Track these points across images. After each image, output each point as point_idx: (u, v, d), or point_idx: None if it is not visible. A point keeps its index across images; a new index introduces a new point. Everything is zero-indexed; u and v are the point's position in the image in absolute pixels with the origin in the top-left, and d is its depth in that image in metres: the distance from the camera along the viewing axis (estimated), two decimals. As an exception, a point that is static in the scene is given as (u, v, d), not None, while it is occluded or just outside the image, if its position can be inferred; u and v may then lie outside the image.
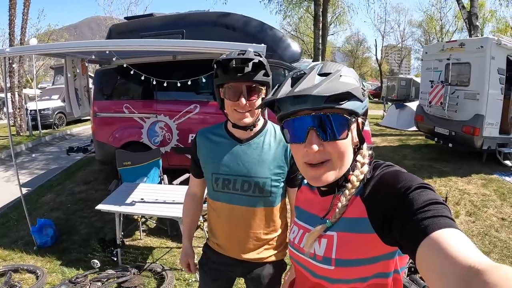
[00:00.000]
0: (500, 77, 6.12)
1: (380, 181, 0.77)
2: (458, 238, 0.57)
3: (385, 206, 0.71)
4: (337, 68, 0.79)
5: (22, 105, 10.61)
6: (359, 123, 0.82)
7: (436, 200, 0.66)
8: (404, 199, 0.68)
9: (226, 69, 1.29)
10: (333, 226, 0.82)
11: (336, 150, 0.77)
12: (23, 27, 10.69)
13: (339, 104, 0.75)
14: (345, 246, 0.79)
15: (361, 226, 0.76)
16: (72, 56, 4.37)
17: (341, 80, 0.75)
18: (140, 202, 3.21)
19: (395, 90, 22.35)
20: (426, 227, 0.60)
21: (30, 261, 3.42)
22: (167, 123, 5.10)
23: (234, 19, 5.49)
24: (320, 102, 0.74)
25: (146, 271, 3.17)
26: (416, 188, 0.68)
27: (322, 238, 0.83)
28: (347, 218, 0.80)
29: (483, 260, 0.50)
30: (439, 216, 0.62)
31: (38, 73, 26.59)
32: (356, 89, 0.76)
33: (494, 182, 5.66)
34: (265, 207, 1.44)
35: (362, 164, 0.83)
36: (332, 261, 0.80)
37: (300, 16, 23.34)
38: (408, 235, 0.64)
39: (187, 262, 1.60)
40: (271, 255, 1.51)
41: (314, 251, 0.84)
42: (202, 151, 1.47)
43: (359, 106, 0.78)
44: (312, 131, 0.76)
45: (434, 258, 0.56)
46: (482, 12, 21.94)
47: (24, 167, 7.28)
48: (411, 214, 0.64)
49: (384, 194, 0.73)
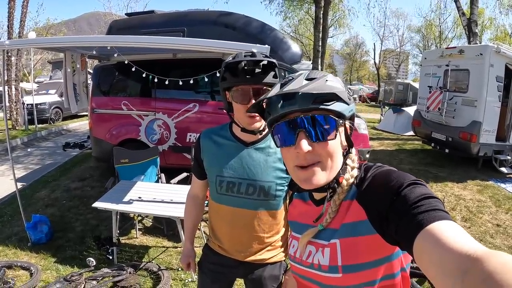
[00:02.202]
0: (498, 84, 6.17)
1: (374, 181, 0.78)
2: (453, 229, 0.58)
3: (380, 205, 0.72)
4: (323, 74, 0.81)
5: (19, 99, 10.51)
6: (346, 128, 0.83)
7: (429, 194, 0.67)
8: (397, 196, 0.69)
9: (235, 72, 1.26)
10: (335, 233, 0.82)
11: (326, 151, 0.78)
12: (22, 20, 10.60)
13: (326, 105, 0.77)
14: (350, 251, 0.79)
15: (363, 229, 0.76)
16: (72, 51, 4.33)
17: (327, 83, 0.78)
18: (137, 200, 3.18)
19: (393, 95, 22.46)
20: (421, 221, 0.61)
21: (24, 257, 3.38)
22: (165, 121, 5.07)
23: (235, 19, 5.48)
24: (308, 103, 0.76)
25: (142, 270, 3.14)
26: (409, 184, 0.70)
27: (325, 247, 0.83)
28: (347, 224, 0.80)
29: (478, 248, 0.51)
30: (432, 209, 0.63)
31: (35, 67, 26.41)
32: (342, 92, 0.78)
33: (489, 188, 5.70)
34: (268, 210, 1.43)
35: (352, 168, 0.84)
36: (339, 269, 0.80)
37: (300, 18, 23.38)
38: (403, 230, 0.64)
39: (187, 262, 1.59)
40: (272, 256, 1.51)
41: (319, 262, 0.84)
42: (207, 153, 1.45)
43: (345, 109, 0.80)
44: (302, 133, 0.78)
45: (430, 250, 0.56)
46: (481, 19, 22.07)
47: (19, 161, 7.20)
48: (405, 210, 0.65)
49: (379, 193, 0.74)
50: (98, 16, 38.15)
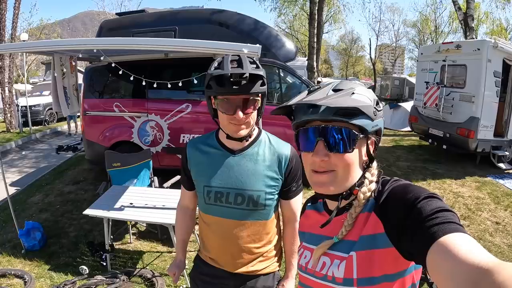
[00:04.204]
0: (496, 79, 6.11)
1: (391, 194, 0.79)
2: (466, 241, 0.58)
3: (396, 218, 0.73)
4: (352, 86, 0.82)
5: (13, 101, 10.40)
6: (370, 141, 0.85)
7: (444, 208, 0.67)
8: (413, 208, 0.69)
9: (221, 81, 1.20)
10: (354, 246, 0.82)
11: (342, 162, 0.81)
12: (14, 21, 10.49)
13: (347, 118, 0.78)
14: (366, 265, 0.78)
15: (380, 242, 0.77)
16: (60, 54, 4.24)
17: (353, 97, 0.79)
18: (129, 207, 3.12)
19: (389, 90, 22.36)
20: (435, 233, 0.62)
21: (18, 265, 3.33)
22: (158, 123, 5.00)
23: (228, 17, 5.40)
24: (329, 114, 0.78)
25: (136, 277, 3.09)
26: (425, 198, 0.70)
27: (342, 260, 0.83)
28: (365, 236, 0.80)
29: (490, 260, 0.51)
30: (447, 222, 0.63)
31: (30, 68, 26.23)
32: (367, 107, 0.79)
33: (488, 184, 5.66)
34: (258, 220, 1.39)
35: (370, 182, 0.84)
36: (354, 282, 0.79)
37: (295, 14, 23.27)
38: (417, 242, 0.65)
39: (174, 272, 1.55)
40: (264, 267, 1.47)
41: (333, 274, 0.83)
42: (193, 163, 1.40)
43: (368, 124, 0.81)
44: (321, 141, 0.81)
45: (443, 262, 0.57)
46: (477, 13, 22.02)
47: (14, 165, 7.13)
48: (420, 222, 0.66)
49: (395, 206, 0.75)
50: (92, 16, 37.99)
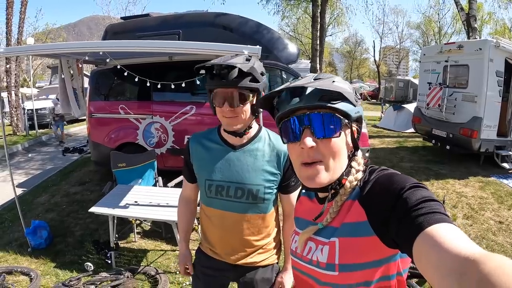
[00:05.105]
0: (498, 79, 6.10)
1: (376, 183, 0.79)
2: (452, 231, 0.58)
3: (381, 207, 0.73)
4: (331, 75, 0.84)
5: (19, 104, 10.56)
6: (353, 130, 0.84)
7: (430, 197, 0.67)
8: (398, 198, 0.70)
9: (212, 75, 1.28)
10: (335, 232, 0.83)
11: (329, 149, 0.81)
12: (20, 26, 10.65)
13: (332, 103, 0.79)
14: (347, 251, 0.80)
15: (362, 230, 0.77)
16: (67, 57, 4.33)
17: (334, 84, 0.80)
18: (134, 204, 3.18)
19: (393, 92, 22.33)
20: (421, 223, 0.62)
21: (24, 263, 3.39)
22: (162, 124, 5.06)
23: (231, 20, 5.46)
24: (314, 100, 0.79)
25: (140, 274, 3.14)
26: (410, 187, 0.71)
27: (325, 245, 0.85)
28: (347, 223, 0.81)
29: (476, 250, 0.51)
30: (433, 212, 0.63)
31: (36, 72, 26.50)
32: (348, 93, 0.80)
33: (491, 184, 5.65)
34: (257, 213, 1.44)
35: (357, 171, 0.86)
36: (335, 267, 0.81)
37: (298, 17, 23.30)
38: (403, 232, 0.65)
39: (185, 265, 1.60)
40: (263, 259, 1.51)
41: (318, 259, 0.85)
42: (196, 157, 1.46)
43: (351, 109, 0.81)
44: (307, 129, 0.81)
45: (429, 252, 0.57)
46: (480, 14, 21.94)
47: (20, 167, 7.24)
48: (406, 212, 0.66)
49: (380, 195, 0.75)
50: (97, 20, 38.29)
